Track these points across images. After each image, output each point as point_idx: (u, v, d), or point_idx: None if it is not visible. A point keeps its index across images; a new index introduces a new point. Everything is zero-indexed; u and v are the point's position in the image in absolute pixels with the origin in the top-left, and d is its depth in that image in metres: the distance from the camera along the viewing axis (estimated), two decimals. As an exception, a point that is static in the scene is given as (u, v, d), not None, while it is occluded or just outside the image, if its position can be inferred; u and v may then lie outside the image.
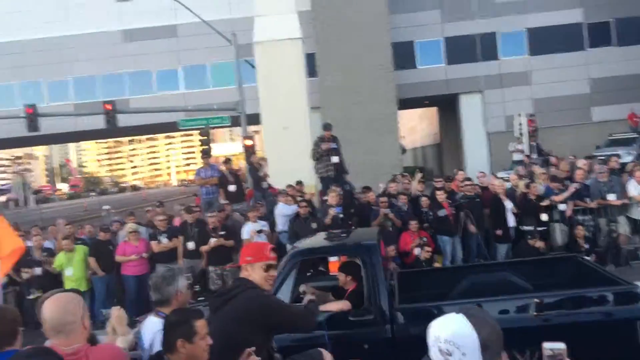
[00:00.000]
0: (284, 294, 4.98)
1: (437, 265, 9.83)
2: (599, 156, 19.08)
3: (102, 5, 27.13)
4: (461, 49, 27.08)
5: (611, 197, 10.68)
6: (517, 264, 6.97)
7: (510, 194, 10.93)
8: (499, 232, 10.37)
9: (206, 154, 15.67)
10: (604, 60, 26.81)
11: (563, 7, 26.81)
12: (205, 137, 18.15)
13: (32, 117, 18.25)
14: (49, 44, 27.62)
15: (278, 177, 12.56)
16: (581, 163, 11.86)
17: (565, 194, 10.68)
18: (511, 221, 10.44)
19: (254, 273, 3.81)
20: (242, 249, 4.34)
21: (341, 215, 10.05)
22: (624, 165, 13.33)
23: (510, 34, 27.19)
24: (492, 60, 27.09)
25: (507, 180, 12.04)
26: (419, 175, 12.42)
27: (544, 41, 26.86)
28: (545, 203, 10.50)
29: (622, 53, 26.72)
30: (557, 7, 26.78)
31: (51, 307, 2.87)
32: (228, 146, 48.57)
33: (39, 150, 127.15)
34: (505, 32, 27.15)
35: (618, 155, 19.60)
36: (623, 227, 10.69)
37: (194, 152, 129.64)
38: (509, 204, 10.50)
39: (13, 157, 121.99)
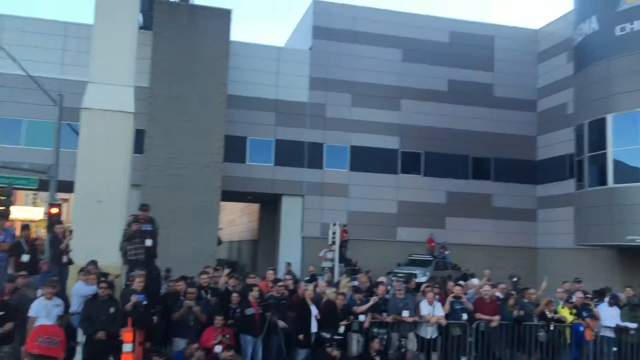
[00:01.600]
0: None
1: (236, 365, 9.60)
2: (399, 273, 20.64)
3: None
4: (290, 153, 28.28)
5: (405, 314, 11.47)
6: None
7: (317, 299, 11.23)
8: (301, 336, 10.51)
9: (2, 216, 14.14)
10: (412, 186, 29.67)
11: (383, 132, 29.54)
12: (5, 198, 16.46)
13: None
14: None
15: (81, 253, 11.62)
16: (382, 279, 12.62)
17: (366, 306, 11.25)
18: (314, 326, 10.66)
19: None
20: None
21: (144, 302, 9.50)
22: (419, 284, 14.48)
23: (335, 147, 29.09)
24: (316, 169, 28.58)
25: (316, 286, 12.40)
26: (226, 271, 12.32)
27: (364, 160, 29.14)
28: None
29: (427, 182, 29.85)
30: (379, 132, 29.46)
31: None
32: (29, 211, 44.23)
33: None
34: (331, 144, 29.00)
35: (415, 275, 21.36)
36: (412, 343, 11.44)
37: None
38: (314, 310, 10.75)
39: None
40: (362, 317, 11.15)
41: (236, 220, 44.05)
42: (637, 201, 19.41)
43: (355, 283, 13.81)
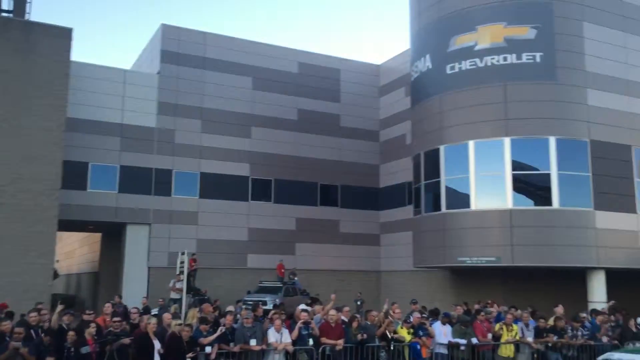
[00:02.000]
0: None
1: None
2: (248, 301, 20.51)
3: None
4: (136, 180, 27.16)
5: (253, 343, 11.39)
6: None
7: (160, 333, 10.77)
8: (142, 372, 9.99)
9: None
10: (262, 213, 29.86)
11: (234, 159, 29.50)
12: None
13: None
14: None
15: None
16: (230, 308, 12.44)
17: (212, 337, 11.01)
18: (157, 361, 10.20)
19: None
20: None
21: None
22: (268, 311, 14.48)
23: (185, 173, 28.47)
24: (164, 196, 27.72)
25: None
26: (59, 307, 11.41)
27: (215, 186, 28.82)
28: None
29: (277, 209, 30.24)
30: (229, 159, 29.36)
31: None
32: None
33: None
34: (180, 171, 28.34)
35: (265, 302, 21.36)
36: (260, 372, 11.36)
37: None
38: (157, 344, 10.30)
39: None
40: (208, 349, 10.89)
41: (75, 252, 41.22)
42: (466, 225, 21.20)
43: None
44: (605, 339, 14.20)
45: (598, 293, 20.19)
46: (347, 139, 32.62)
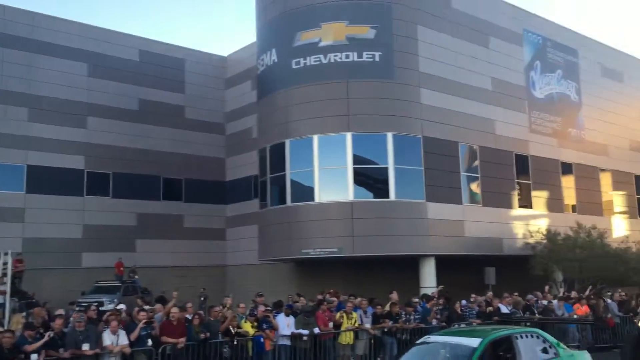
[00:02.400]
0: None
1: None
2: (82, 302, 19.16)
3: None
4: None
5: (85, 347, 10.61)
6: None
7: (-25, 343, 9.62)
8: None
9: None
10: (99, 208, 28.08)
11: (66, 151, 27.40)
12: None
13: None
14: None
15: None
16: (60, 311, 11.48)
17: (39, 343, 10.07)
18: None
19: None
20: None
21: None
22: (104, 312, 13.59)
23: (8, 166, 25.92)
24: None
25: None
26: None
27: (44, 181, 26.56)
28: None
29: (116, 205, 28.62)
30: (61, 151, 27.20)
31: None
32: None
33: None
34: (3, 163, 25.74)
35: (102, 303, 20.12)
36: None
37: None
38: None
39: None
40: (34, 357, 9.94)
41: None
42: (310, 218, 21.62)
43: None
44: (434, 322, 15.26)
45: (429, 279, 21.68)
46: (192, 131, 31.78)
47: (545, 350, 9.02)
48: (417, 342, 9.74)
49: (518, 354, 8.62)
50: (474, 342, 8.47)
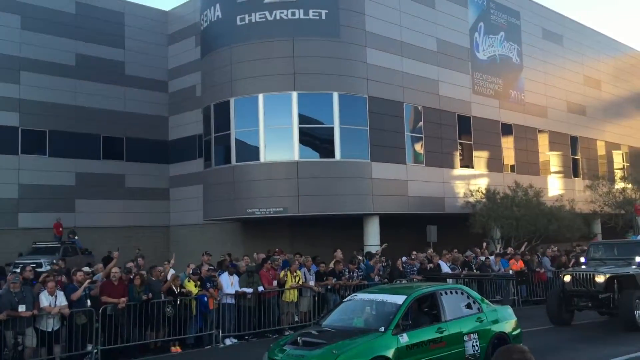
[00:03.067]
0: None
1: None
2: (19, 264, 18.60)
3: None
4: None
5: (21, 309, 10.34)
6: None
7: None
8: None
9: None
10: (35, 167, 27.04)
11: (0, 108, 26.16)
12: None
13: None
14: None
15: None
16: None
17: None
18: None
19: None
20: None
21: None
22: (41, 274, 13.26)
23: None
24: None
25: None
26: None
27: (-25, 138, 25.34)
28: None
29: (53, 163, 27.63)
30: (-7, 107, 25.95)
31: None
32: None
33: None
34: None
35: (40, 264, 19.61)
36: (30, 339, 10.43)
37: None
38: None
39: None
40: (-35, 320, 9.63)
41: None
42: (255, 177, 21.50)
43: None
44: (377, 279, 15.60)
45: (373, 237, 22.07)
46: (133, 88, 30.77)
47: (469, 306, 9.21)
48: (345, 299, 9.90)
49: (442, 310, 8.77)
50: (399, 299, 8.59)
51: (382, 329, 8.05)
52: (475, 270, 17.70)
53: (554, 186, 30.66)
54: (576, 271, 14.33)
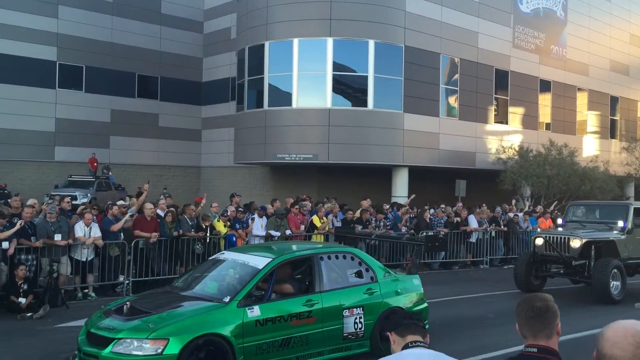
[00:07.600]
0: None
1: None
2: (55, 195, 19.16)
3: None
4: None
5: (57, 238, 10.73)
6: None
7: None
8: None
9: None
10: (71, 102, 27.47)
11: (38, 41, 26.40)
12: None
13: None
14: None
15: None
16: (31, 201, 11.47)
17: (10, 231, 10.13)
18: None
19: None
20: None
21: None
22: (77, 206, 13.67)
23: (-24, 54, 24.96)
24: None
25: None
26: None
27: (13, 71, 25.72)
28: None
29: (89, 99, 28.01)
30: (31, 40, 26.19)
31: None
32: None
33: None
34: (-30, 51, 24.78)
35: (75, 197, 20.18)
36: (64, 267, 10.85)
37: None
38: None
39: None
40: (4, 244, 10.03)
41: None
42: (286, 123, 21.53)
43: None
44: (404, 229, 15.69)
45: (401, 188, 22.07)
46: (169, 27, 30.70)
47: (359, 274, 7.84)
48: (211, 257, 8.78)
49: (318, 278, 7.35)
50: (261, 262, 7.17)
51: (227, 299, 6.66)
52: (502, 227, 17.65)
53: (590, 146, 30.03)
54: (549, 233, 13.00)
